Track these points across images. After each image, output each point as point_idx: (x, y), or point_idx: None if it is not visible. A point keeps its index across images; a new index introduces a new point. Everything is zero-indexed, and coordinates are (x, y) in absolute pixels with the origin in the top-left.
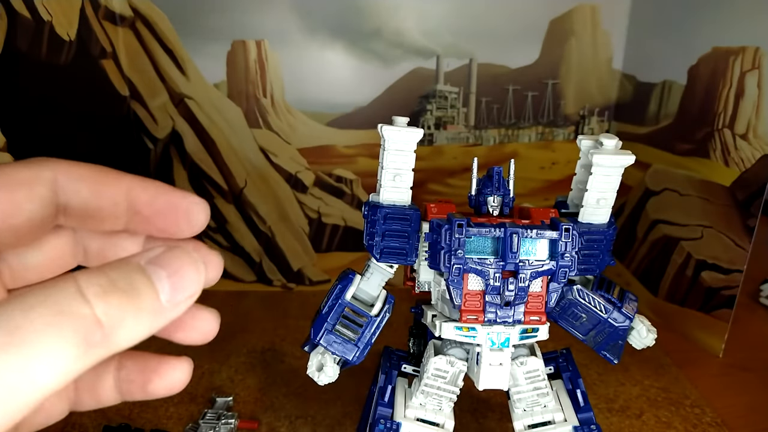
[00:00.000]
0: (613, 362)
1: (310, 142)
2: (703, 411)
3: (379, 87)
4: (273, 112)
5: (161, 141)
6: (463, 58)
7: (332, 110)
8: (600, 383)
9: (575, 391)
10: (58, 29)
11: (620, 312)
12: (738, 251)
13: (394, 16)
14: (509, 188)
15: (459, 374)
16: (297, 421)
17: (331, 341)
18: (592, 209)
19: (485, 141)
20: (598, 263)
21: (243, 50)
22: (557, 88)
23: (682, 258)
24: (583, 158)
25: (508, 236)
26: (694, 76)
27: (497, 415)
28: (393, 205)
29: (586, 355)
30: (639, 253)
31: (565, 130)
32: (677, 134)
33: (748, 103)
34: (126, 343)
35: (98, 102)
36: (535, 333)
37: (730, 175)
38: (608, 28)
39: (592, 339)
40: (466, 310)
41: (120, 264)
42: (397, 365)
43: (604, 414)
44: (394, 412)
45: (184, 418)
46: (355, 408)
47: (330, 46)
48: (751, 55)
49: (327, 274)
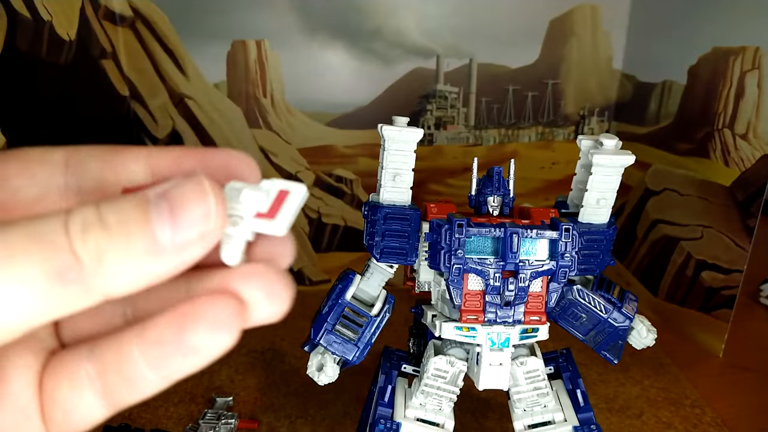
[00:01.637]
0: (613, 362)
1: (310, 142)
2: (703, 411)
3: (379, 87)
4: (273, 112)
5: (161, 141)
6: (463, 58)
7: (332, 110)
8: (600, 383)
9: (575, 391)
10: (58, 29)
11: (620, 312)
12: (738, 251)
13: (395, 15)
14: (509, 188)
15: (459, 374)
16: (297, 421)
17: (331, 341)
18: (592, 209)
19: (485, 141)
20: (598, 263)
21: (243, 50)
22: (557, 88)
23: (682, 258)
24: (583, 158)
25: (508, 236)
26: (694, 76)
27: (497, 415)
28: (393, 205)
29: (586, 355)
30: (639, 253)
31: (565, 130)
32: (677, 134)
33: (748, 103)
34: (116, 288)
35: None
36: (535, 333)
37: (730, 175)
38: (608, 28)
39: (592, 339)
40: (466, 310)
41: (122, 198)
42: (397, 365)
43: (604, 414)
44: (394, 412)
45: (184, 418)
46: (355, 408)
47: (330, 46)
48: (751, 55)
49: (327, 274)
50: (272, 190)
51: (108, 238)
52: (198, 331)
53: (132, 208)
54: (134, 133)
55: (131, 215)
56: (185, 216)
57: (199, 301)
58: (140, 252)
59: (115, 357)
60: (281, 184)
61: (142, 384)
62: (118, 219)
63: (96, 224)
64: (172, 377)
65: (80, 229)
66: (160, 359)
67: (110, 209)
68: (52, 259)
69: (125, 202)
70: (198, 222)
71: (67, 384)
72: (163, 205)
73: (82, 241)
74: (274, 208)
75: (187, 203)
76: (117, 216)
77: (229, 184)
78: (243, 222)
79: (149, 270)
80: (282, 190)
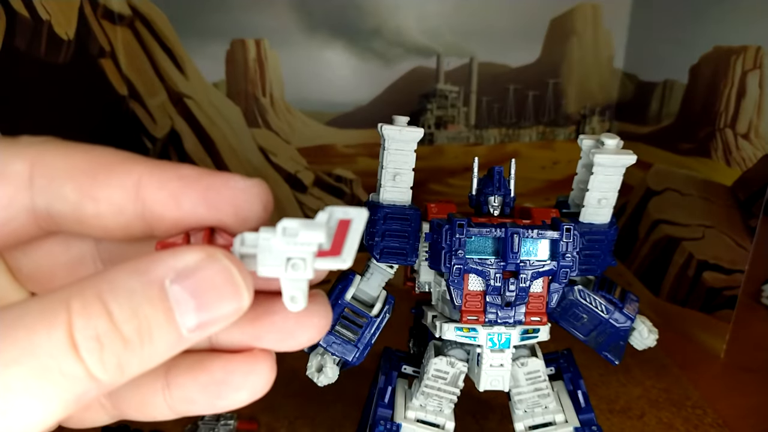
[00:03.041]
0: (615, 363)
1: (310, 142)
2: (704, 412)
3: (379, 86)
4: (272, 111)
5: (160, 140)
6: (463, 56)
7: (332, 109)
8: (601, 384)
9: (576, 392)
10: (57, 28)
11: (621, 312)
12: (739, 251)
13: (395, 14)
14: (510, 188)
15: (459, 375)
16: (296, 422)
17: (330, 342)
18: (594, 209)
19: (486, 140)
20: (600, 263)
21: (242, 49)
22: (558, 88)
23: (684, 258)
24: (585, 158)
25: (509, 236)
26: (696, 76)
27: (498, 416)
28: (393, 205)
29: (587, 356)
30: (640, 253)
31: (566, 130)
32: (679, 134)
33: (749, 103)
34: (129, 379)
35: (97, 101)
36: (536, 334)
37: (731, 175)
38: (609, 26)
39: (594, 340)
40: (467, 311)
41: (133, 285)
42: (397, 366)
43: (605, 415)
44: (394, 413)
45: (182, 419)
46: (355, 409)
47: (330, 45)
48: (753, 55)
49: (327, 274)
50: (331, 221)
51: (129, 351)
52: (234, 398)
53: (149, 307)
54: (133, 133)
55: (152, 318)
56: (212, 304)
57: (234, 368)
58: (165, 348)
59: (138, 401)
60: (339, 212)
61: (156, 416)
62: (136, 327)
63: (111, 337)
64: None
65: (94, 348)
66: (185, 411)
67: (123, 314)
68: (71, 390)
69: (139, 297)
70: (227, 306)
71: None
72: (185, 295)
73: (101, 363)
74: (338, 243)
75: (214, 291)
76: (134, 323)
77: (280, 222)
78: (305, 264)
79: (167, 357)
80: (342, 221)
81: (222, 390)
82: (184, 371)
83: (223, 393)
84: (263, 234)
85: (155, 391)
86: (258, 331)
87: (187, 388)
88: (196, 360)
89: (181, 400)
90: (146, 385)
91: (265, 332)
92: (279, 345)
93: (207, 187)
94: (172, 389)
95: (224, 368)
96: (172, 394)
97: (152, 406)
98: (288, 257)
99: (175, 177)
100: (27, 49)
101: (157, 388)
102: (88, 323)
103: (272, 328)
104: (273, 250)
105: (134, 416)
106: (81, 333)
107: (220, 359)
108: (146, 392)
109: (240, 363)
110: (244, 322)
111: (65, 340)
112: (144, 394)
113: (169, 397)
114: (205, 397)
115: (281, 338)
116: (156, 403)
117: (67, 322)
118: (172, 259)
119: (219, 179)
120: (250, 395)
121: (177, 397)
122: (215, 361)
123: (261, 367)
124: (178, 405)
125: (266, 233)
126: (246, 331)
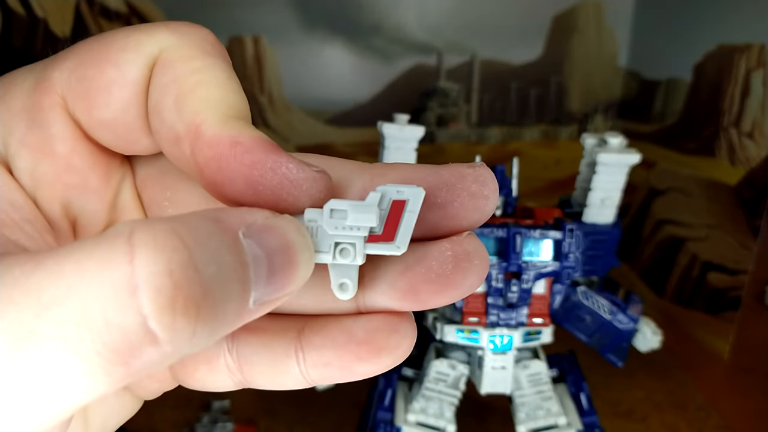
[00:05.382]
0: (618, 365)
1: (309, 140)
2: (708, 414)
3: (379, 84)
4: (271, 109)
5: None
6: (464, 54)
7: (331, 107)
8: (604, 386)
9: (579, 394)
10: (53, 26)
11: (625, 314)
12: (744, 252)
13: (395, 11)
14: (512, 187)
15: (461, 378)
16: (295, 426)
17: None
18: (597, 209)
19: (488, 139)
20: (603, 264)
21: (240, 47)
22: (561, 86)
23: (688, 259)
24: (588, 157)
25: (512, 236)
26: (700, 74)
27: (500, 419)
28: None
29: (590, 358)
30: (644, 253)
31: (568, 128)
32: (683, 132)
33: (753, 101)
34: (190, 351)
35: None
36: (538, 336)
37: (735, 175)
38: (612, 24)
39: (597, 341)
40: (468, 312)
41: (209, 227)
42: (397, 368)
43: (608, 418)
44: (394, 416)
45: (179, 423)
46: (354, 412)
47: (329, 42)
48: (756, 53)
49: None
50: (383, 203)
51: (207, 305)
52: (375, 361)
53: (228, 254)
54: None
55: (231, 269)
56: (281, 281)
57: (376, 326)
58: (234, 314)
59: (269, 366)
60: (392, 191)
61: (287, 384)
62: (215, 274)
63: (189, 278)
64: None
65: (164, 288)
66: (319, 378)
67: (203, 254)
68: (117, 353)
69: (218, 240)
70: (295, 281)
71: (205, 367)
72: (262, 269)
73: (171, 311)
74: (390, 226)
75: (288, 250)
76: (213, 268)
77: (327, 203)
78: (355, 250)
79: (235, 326)
80: (395, 201)
81: (362, 351)
82: (320, 331)
83: (364, 355)
84: (309, 215)
85: (288, 354)
86: (411, 281)
87: (324, 350)
88: (332, 320)
89: (316, 364)
90: (279, 346)
91: (421, 281)
92: (436, 298)
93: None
94: (306, 351)
95: (365, 327)
96: (306, 357)
97: (284, 372)
98: (336, 242)
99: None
100: (23, 46)
101: (290, 351)
102: (157, 257)
103: (428, 276)
104: (320, 235)
105: (263, 384)
106: (145, 269)
107: (359, 317)
108: (278, 354)
109: (382, 321)
110: (394, 273)
111: (121, 279)
112: (276, 355)
113: (302, 361)
114: (343, 360)
115: (439, 288)
116: (289, 368)
117: (129, 253)
118: (246, 213)
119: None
120: (393, 358)
121: (311, 361)
122: (354, 319)
123: (405, 326)
124: (312, 371)
125: (312, 215)
126: (397, 284)
